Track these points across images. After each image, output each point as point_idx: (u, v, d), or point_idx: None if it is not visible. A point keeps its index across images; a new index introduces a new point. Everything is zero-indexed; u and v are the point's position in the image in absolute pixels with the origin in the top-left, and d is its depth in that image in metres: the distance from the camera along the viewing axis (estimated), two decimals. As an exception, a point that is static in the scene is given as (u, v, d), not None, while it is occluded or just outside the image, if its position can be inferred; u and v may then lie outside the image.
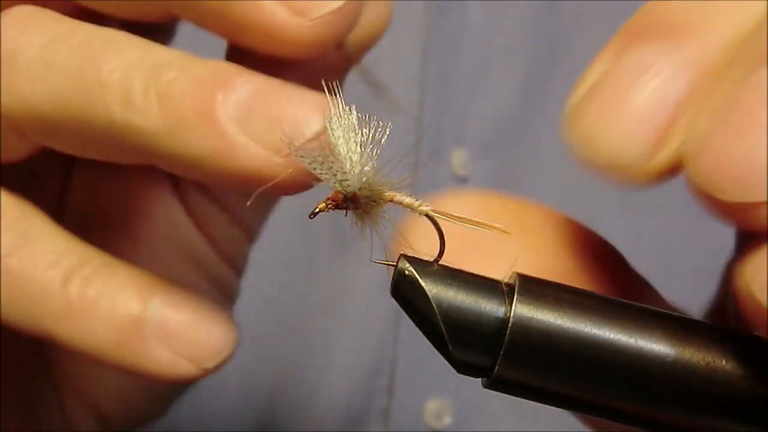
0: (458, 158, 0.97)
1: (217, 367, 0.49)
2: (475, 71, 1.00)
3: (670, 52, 0.39)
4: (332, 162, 0.42)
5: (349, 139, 0.42)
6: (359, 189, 0.42)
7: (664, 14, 0.41)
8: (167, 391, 0.60)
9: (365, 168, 0.42)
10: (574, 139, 0.40)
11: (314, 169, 0.42)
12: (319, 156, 0.42)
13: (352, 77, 0.56)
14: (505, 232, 0.41)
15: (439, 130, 0.97)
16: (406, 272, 0.40)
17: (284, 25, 0.43)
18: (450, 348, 0.39)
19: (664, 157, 0.39)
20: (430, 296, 0.39)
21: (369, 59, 1.00)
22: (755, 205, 0.35)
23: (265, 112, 0.43)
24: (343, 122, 0.42)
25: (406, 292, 0.40)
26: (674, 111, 0.39)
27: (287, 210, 0.91)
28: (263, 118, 0.43)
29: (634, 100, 0.39)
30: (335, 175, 0.42)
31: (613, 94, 0.40)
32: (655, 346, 0.38)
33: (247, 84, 0.43)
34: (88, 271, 0.48)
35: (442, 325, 0.39)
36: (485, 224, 0.41)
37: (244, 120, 0.42)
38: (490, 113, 0.99)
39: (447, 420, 0.94)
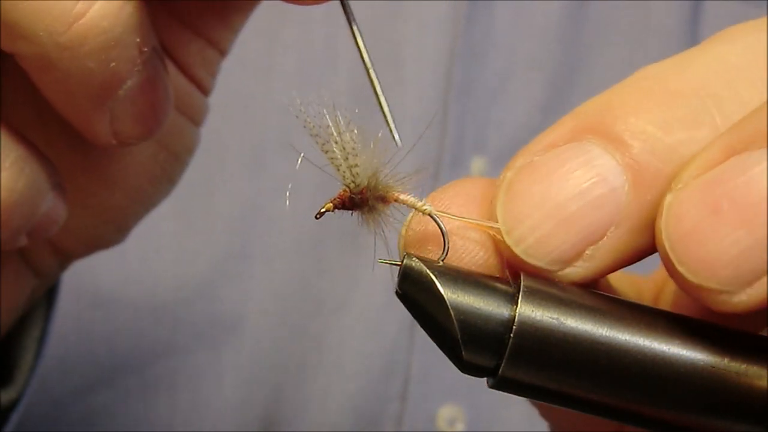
0: (477, 166, 0.97)
1: None
2: (499, 80, 1.00)
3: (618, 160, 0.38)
4: (345, 145, 0.42)
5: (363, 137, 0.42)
6: (367, 184, 0.42)
7: None
8: (121, 216, 0.57)
9: (376, 162, 0.42)
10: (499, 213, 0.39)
11: (326, 152, 0.42)
12: (334, 137, 0.42)
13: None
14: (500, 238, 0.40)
15: (460, 138, 0.98)
16: (416, 272, 0.39)
17: None
18: (463, 349, 0.39)
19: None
20: (445, 297, 0.39)
21: (394, 73, 0.99)
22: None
23: None
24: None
25: (413, 292, 0.40)
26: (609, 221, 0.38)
27: (299, 207, 0.92)
28: None
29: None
30: (347, 159, 0.42)
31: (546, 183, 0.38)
32: (658, 345, 0.38)
33: None
34: None
35: (456, 326, 0.39)
36: (486, 223, 0.41)
37: None
38: (510, 123, 0.99)
39: (460, 426, 0.94)
